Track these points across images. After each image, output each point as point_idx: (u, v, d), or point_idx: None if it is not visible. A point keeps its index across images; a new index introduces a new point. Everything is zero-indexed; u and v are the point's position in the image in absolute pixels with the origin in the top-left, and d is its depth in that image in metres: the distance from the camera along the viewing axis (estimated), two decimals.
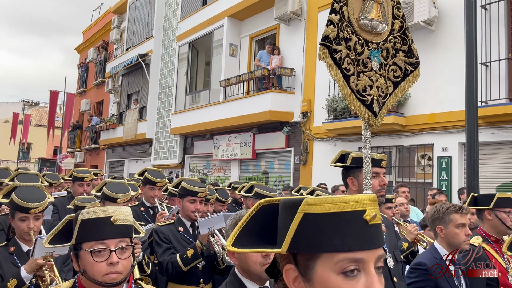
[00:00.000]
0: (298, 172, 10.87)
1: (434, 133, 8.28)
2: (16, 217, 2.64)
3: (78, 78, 26.10)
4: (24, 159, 40.45)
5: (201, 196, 3.38)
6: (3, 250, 2.68)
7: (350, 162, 2.55)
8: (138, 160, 18.35)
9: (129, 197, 3.47)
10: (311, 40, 10.84)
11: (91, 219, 1.52)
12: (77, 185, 4.78)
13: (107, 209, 1.55)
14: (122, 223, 1.55)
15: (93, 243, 1.51)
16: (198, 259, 3.14)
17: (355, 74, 2.38)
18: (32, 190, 2.74)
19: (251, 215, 0.94)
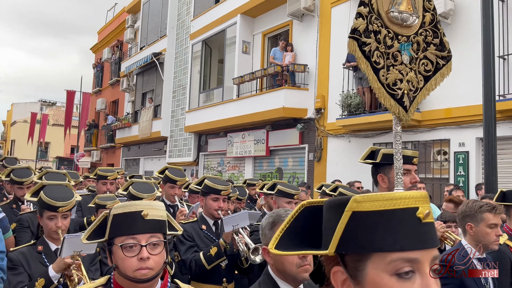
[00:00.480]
0: (312, 169, 10.83)
1: (450, 128, 8.15)
2: (44, 216, 2.64)
3: (94, 78, 26.44)
4: (42, 158, 41.19)
5: (224, 194, 3.34)
6: (31, 249, 2.67)
7: (381, 159, 2.50)
8: (153, 158, 18.51)
9: (155, 197, 3.43)
10: (325, 36, 10.76)
11: (122, 213, 1.50)
12: (101, 183, 4.82)
13: (138, 204, 1.52)
14: (153, 218, 1.51)
15: (124, 238, 1.49)
16: (222, 258, 3.10)
17: (385, 68, 2.34)
18: (60, 189, 2.75)
19: (293, 217, 0.92)
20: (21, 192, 4.29)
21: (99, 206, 3.74)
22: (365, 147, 10.87)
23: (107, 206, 3.66)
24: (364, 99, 9.27)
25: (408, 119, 2.43)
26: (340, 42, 10.07)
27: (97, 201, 3.79)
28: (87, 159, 24.67)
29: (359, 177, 8.40)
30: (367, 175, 10.39)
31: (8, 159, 6.22)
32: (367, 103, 9.22)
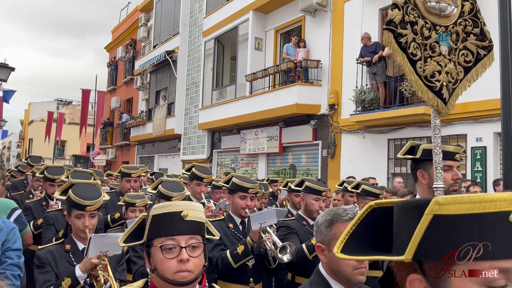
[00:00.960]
0: (326, 166, 10.76)
1: (467, 123, 8.00)
2: (72, 215, 2.65)
3: (108, 77, 26.70)
4: (59, 156, 41.84)
5: (252, 193, 3.30)
6: (59, 247, 2.67)
7: (421, 155, 2.42)
8: (168, 156, 18.62)
9: (184, 196, 3.41)
10: (338, 31, 10.65)
11: (161, 214, 1.46)
12: (125, 181, 4.80)
13: (177, 204, 1.48)
14: (193, 219, 1.47)
15: (163, 239, 1.44)
16: (249, 256, 3.05)
17: (422, 59, 2.27)
18: (88, 188, 2.76)
19: (360, 219, 0.87)
20: (52, 189, 4.44)
21: (129, 204, 3.75)
22: (380, 143, 10.80)
23: (136, 204, 3.67)
24: (378, 95, 9.16)
25: (448, 111, 2.35)
26: (353, 37, 9.96)
27: (127, 199, 3.78)
28: (103, 157, 24.95)
29: (373, 173, 8.32)
30: (382, 171, 10.30)
31: (33, 158, 6.48)
32: (381, 99, 9.11)
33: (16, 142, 55.84)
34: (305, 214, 3.50)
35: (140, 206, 3.69)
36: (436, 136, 2.29)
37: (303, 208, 3.54)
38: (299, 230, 3.36)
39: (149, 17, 21.21)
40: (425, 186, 2.37)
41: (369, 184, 4.25)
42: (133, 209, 3.70)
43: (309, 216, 3.47)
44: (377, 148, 9.53)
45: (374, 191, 4.10)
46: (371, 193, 4.08)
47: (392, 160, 9.36)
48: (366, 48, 9.44)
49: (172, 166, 17.55)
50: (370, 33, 9.55)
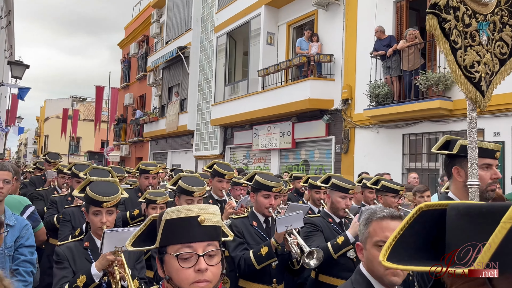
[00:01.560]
0: (339, 161, 10.66)
1: (484, 117, 7.82)
2: (90, 211, 2.64)
3: (121, 73, 26.88)
4: (74, 152, 42.38)
5: (276, 191, 3.21)
6: (78, 244, 2.66)
7: (458, 150, 2.26)
8: (181, 152, 18.69)
9: (205, 191, 3.35)
10: (351, 24, 10.51)
11: (176, 219, 1.34)
12: (143, 177, 4.77)
13: (193, 208, 1.37)
14: (210, 224, 1.36)
15: (179, 247, 1.33)
16: (273, 259, 2.96)
17: (462, 48, 2.13)
18: (106, 185, 2.75)
19: (408, 223, 0.80)
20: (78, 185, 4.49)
21: (149, 201, 3.74)
22: (394, 138, 10.65)
23: (157, 202, 3.67)
24: (393, 89, 9.02)
25: (485, 105, 2.23)
26: (367, 30, 9.82)
27: (148, 196, 3.76)
28: (117, 153, 25.17)
29: (388, 169, 8.20)
30: (396, 167, 10.17)
31: (51, 154, 6.53)
32: (396, 93, 8.97)
33: (33, 138, 56.77)
34: (331, 212, 3.43)
35: (161, 203, 3.69)
36: (473, 131, 2.17)
37: (329, 205, 3.47)
38: (324, 228, 3.30)
39: (161, 13, 21.25)
40: (461, 184, 2.23)
41: (388, 180, 4.13)
42: (154, 206, 3.71)
43: (335, 214, 3.41)
44: (391, 143, 9.40)
45: (394, 187, 3.95)
46: (391, 189, 3.93)
47: (407, 155, 9.22)
48: (380, 42, 9.29)
49: (185, 162, 17.62)
50: (384, 26, 9.40)
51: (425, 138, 8.91)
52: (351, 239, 3.00)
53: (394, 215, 1.81)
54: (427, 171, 8.79)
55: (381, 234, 1.77)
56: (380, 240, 1.76)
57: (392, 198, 3.83)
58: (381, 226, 1.78)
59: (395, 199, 3.84)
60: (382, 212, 1.83)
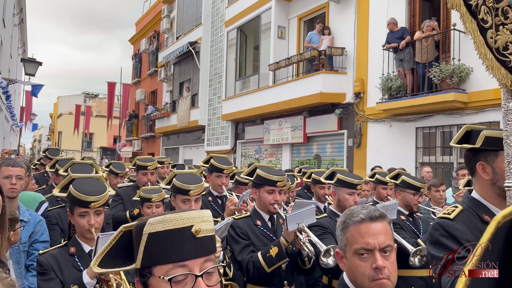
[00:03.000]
0: (351, 155, 10.58)
1: (499, 109, 7.64)
2: (75, 213, 2.35)
3: (133, 69, 27.02)
4: (87, 148, 42.84)
5: (280, 186, 2.95)
6: (62, 251, 2.36)
7: (482, 143, 1.96)
8: (192, 147, 18.76)
9: (203, 188, 3.04)
10: (363, 17, 10.38)
11: (163, 232, 1.06)
12: (141, 174, 4.52)
13: (184, 216, 1.09)
14: (206, 235, 1.10)
15: (169, 267, 1.06)
16: (284, 259, 2.72)
17: (493, 28, 1.83)
18: (91, 182, 2.47)
19: (490, 234, 0.64)
20: None
21: (144, 199, 3.51)
22: (407, 131, 10.52)
23: (152, 200, 3.47)
24: (406, 82, 8.89)
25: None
26: (379, 22, 9.68)
27: (142, 194, 3.53)
28: (129, 148, 25.38)
29: (401, 163, 8.11)
30: (410, 161, 10.05)
31: (51, 150, 6.15)
32: (409, 86, 8.84)
33: (46, 135, 57.52)
34: (338, 210, 3.18)
35: (157, 201, 3.48)
36: (509, 123, 1.86)
37: (335, 203, 3.21)
38: (333, 229, 3.01)
39: (172, 9, 21.26)
40: (487, 183, 1.93)
41: (410, 175, 3.80)
42: (149, 205, 3.49)
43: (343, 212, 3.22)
44: (404, 137, 9.29)
45: (415, 183, 3.58)
46: (412, 185, 3.61)
47: (420, 149, 9.10)
48: (393, 34, 9.16)
49: (196, 157, 17.67)
50: (396, 18, 9.26)
51: (439, 132, 8.79)
52: None
53: (374, 215, 1.56)
54: (441, 165, 8.67)
55: (360, 240, 1.53)
56: (361, 248, 1.53)
57: (412, 196, 3.56)
58: (359, 231, 1.55)
59: (414, 197, 3.57)
60: (359, 213, 1.59)
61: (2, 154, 6.82)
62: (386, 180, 4.11)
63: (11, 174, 3.06)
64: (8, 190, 3.01)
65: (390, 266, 1.51)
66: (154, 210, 3.44)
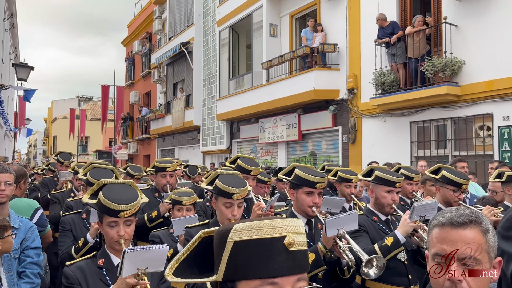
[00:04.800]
0: (347, 151, 10.57)
1: (493, 101, 7.68)
2: (104, 222, 2.19)
3: (126, 71, 26.91)
4: (83, 152, 42.67)
5: (320, 187, 2.75)
6: (90, 263, 2.20)
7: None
8: (188, 148, 18.71)
9: (247, 191, 2.80)
10: (354, 12, 10.36)
11: (251, 241, 0.93)
12: (160, 176, 4.36)
13: (276, 225, 0.94)
14: (300, 249, 0.96)
15: (257, 283, 0.92)
16: (321, 267, 2.52)
17: None
18: (122, 189, 2.27)
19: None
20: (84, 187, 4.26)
21: (175, 202, 3.39)
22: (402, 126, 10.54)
23: (183, 202, 3.36)
24: (398, 76, 8.89)
25: None
26: (370, 18, 9.67)
27: (173, 197, 3.42)
28: (125, 151, 25.29)
29: (396, 157, 8.12)
30: (405, 155, 10.06)
31: (63, 154, 6.14)
32: (402, 80, 8.84)
33: (41, 140, 57.25)
34: (375, 208, 3.04)
35: (188, 204, 3.38)
36: None
37: (373, 201, 3.07)
38: (369, 227, 2.93)
39: (163, 9, 21.18)
40: None
41: (452, 169, 3.50)
42: (179, 208, 3.39)
43: (380, 211, 3.01)
44: (399, 132, 9.29)
45: (457, 179, 3.29)
46: (453, 182, 3.31)
47: (415, 143, 9.11)
48: (383, 30, 9.15)
49: (192, 157, 17.63)
50: (388, 13, 9.25)
51: (433, 125, 8.80)
52: (402, 239, 2.68)
53: (456, 221, 1.35)
54: (436, 158, 8.68)
55: (437, 245, 1.37)
56: (435, 254, 1.36)
57: (452, 193, 3.29)
58: (438, 235, 1.39)
59: (455, 194, 3.28)
60: (441, 216, 1.42)
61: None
62: (411, 175, 3.89)
63: (0, 181, 3.02)
64: None
65: (473, 282, 1.27)
66: (185, 214, 3.37)
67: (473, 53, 7.83)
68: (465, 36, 7.99)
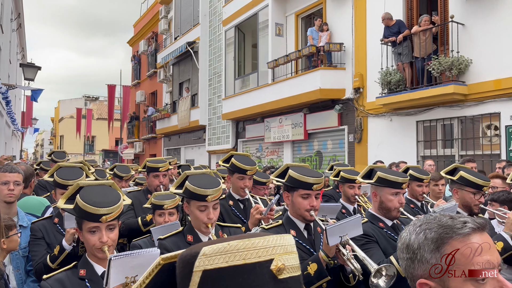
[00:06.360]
0: (353, 151, 10.55)
1: (500, 100, 7.63)
2: (84, 228, 1.97)
3: (132, 71, 27.02)
4: (90, 151, 42.91)
5: (317, 188, 2.51)
6: (71, 274, 1.98)
7: None
8: (194, 147, 18.76)
9: (221, 191, 2.55)
10: (360, 11, 10.33)
11: (226, 268, 0.70)
12: (152, 176, 4.08)
13: (257, 244, 0.72)
14: (291, 275, 0.74)
15: None
16: (325, 278, 2.29)
17: None
18: (103, 190, 2.06)
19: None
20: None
21: (156, 206, 3.14)
22: (408, 125, 10.52)
23: (164, 207, 3.11)
24: (405, 75, 8.86)
25: None
26: (376, 17, 9.64)
27: (154, 201, 3.16)
28: (131, 150, 25.41)
29: (402, 157, 8.09)
30: (411, 155, 10.02)
31: (57, 153, 5.93)
32: (408, 79, 8.81)
33: (48, 139, 57.63)
34: (380, 213, 2.73)
35: (170, 208, 3.13)
36: None
37: (377, 205, 2.75)
38: (378, 237, 2.62)
39: (169, 9, 21.24)
40: None
41: (470, 170, 3.24)
42: (161, 213, 3.13)
43: (385, 216, 2.71)
44: (405, 131, 9.25)
45: (477, 181, 3.03)
46: (472, 183, 3.06)
47: (422, 142, 9.07)
48: (389, 29, 9.11)
49: (198, 157, 17.68)
50: (393, 12, 9.21)
51: (439, 124, 8.75)
52: None
53: (482, 224, 1.10)
54: (443, 157, 8.64)
55: (477, 259, 1.03)
56: (480, 270, 1.02)
57: (472, 195, 3.01)
58: (472, 246, 1.05)
59: (475, 197, 3.01)
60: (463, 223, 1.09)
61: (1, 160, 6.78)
62: (421, 176, 3.72)
63: (9, 180, 3.05)
64: (6, 196, 3.02)
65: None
66: (167, 219, 3.10)
67: (480, 52, 7.78)
68: (472, 35, 7.94)
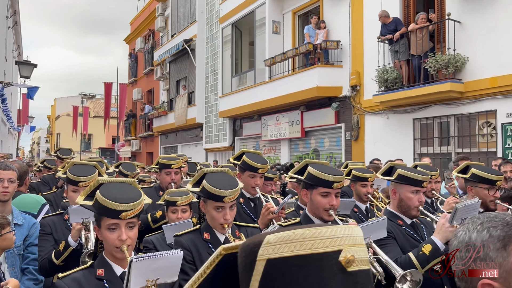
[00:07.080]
0: (349, 148, 10.56)
1: (496, 98, 7.65)
2: (103, 226, 1.88)
3: (129, 69, 26.94)
4: (86, 149, 42.80)
5: (338, 187, 2.44)
6: (87, 274, 1.89)
7: None
8: (191, 145, 18.73)
9: (239, 192, 2.46)
10: (357, 9, 10.33)
11: (292, 257, 0.66)
12: (164, 173, 4.07)
13: (325, 233, 0.67)
14: (360, 268, 0.68)
15: None
16: None
17: None
18: (123, 188, 2.00)
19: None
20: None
21: (169, 203, 3.12)
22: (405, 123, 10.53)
23: (177, 203, 3.07)
24: (401, 73, 8.86)
25: None
26: (373, 15, 9.64)
27: (167, 198, 3.12)
28: (127, 148, 25.34)
29: (399, 154, 8.10)
30: (408, 152, 10.03)
31: (62, 150, 5.91)
32: (405, 77, 8.81)
33: (45, 137, 57.44)
34: (399, 211, 2.70)
35: (183, 204, 3.09)
36: None
37: (396, 203, 2.72)
38: (396, 234, 2.58)
39: (166, 7, 21.17)
40: None
41: (482, 166, 3.26)
42: (174, 209, 3.09)
43: (405, 214, 2.68)
44: (402, 129, 9.27)
45: (489, 176, 3.01)
46: (485, 179, 3.02)
47: (418, 140, 9.09)
48: (386, 26, 9.11)
49: (195, 155, 17.64)
50: (391, 10, 9.21)
51: (436, 122, 8.77)
52: (441, 246, 2.33)
53: None
54: (439, 155, 8.66)
55: None
56: None
57: (487, 191, 2.99)
58: None
59: (490, 192, 2.99)
60: None
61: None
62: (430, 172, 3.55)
63: (3, 178, 3.03)
64: (0, 194, 2.99)
65: None
66: (180, 216, 3.07)
67: (477, 50, 7.79)
68: (468, 32, 7.95)
